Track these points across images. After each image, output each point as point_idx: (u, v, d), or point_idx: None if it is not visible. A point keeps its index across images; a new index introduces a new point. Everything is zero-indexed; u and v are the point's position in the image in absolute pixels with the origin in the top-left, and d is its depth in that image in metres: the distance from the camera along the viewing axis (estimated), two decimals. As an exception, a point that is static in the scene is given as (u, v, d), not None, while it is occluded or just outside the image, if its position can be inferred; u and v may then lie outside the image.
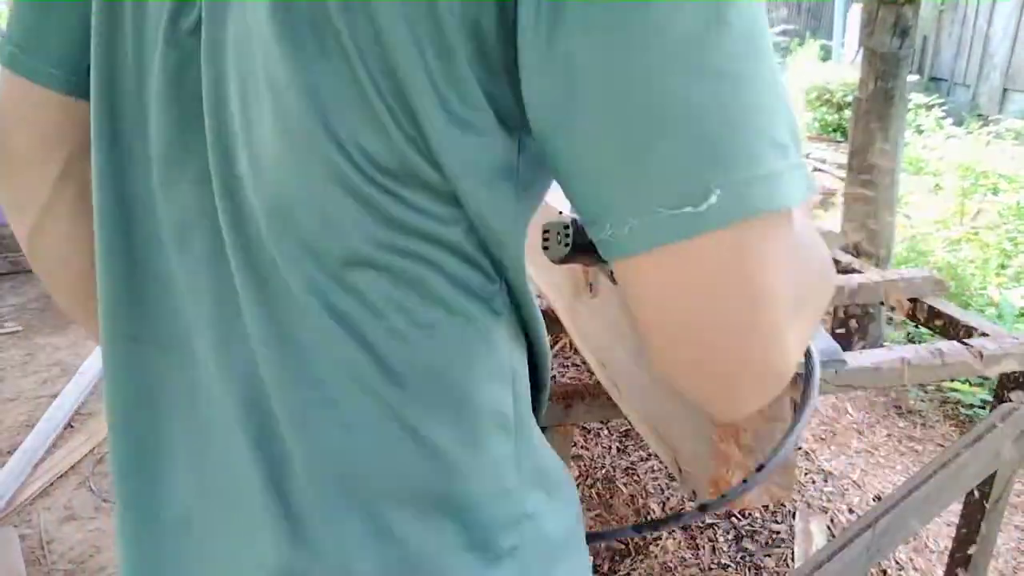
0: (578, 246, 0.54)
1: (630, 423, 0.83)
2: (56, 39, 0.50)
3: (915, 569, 1.77)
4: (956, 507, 1.46)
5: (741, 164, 0.32)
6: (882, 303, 1.56)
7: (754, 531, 1.81)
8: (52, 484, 2.62)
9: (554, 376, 2.36)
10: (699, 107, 0.32)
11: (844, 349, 0.80)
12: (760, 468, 0.62)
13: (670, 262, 0.34)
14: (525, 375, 0.50)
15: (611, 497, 2.00)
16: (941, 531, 1.97)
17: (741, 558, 1.76)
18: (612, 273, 0.43)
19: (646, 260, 0.34)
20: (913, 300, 1.50)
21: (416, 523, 0.45)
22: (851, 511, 1.87)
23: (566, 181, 0.37)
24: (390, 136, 0.37)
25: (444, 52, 0.35)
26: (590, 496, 2.03)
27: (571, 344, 2.35)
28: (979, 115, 7.28)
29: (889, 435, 2.57)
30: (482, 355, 0.45)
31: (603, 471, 2.05)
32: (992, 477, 1.34)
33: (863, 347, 2.49)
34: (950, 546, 1.51)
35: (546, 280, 1.13)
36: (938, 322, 1.45)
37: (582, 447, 2.13)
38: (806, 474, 1.96)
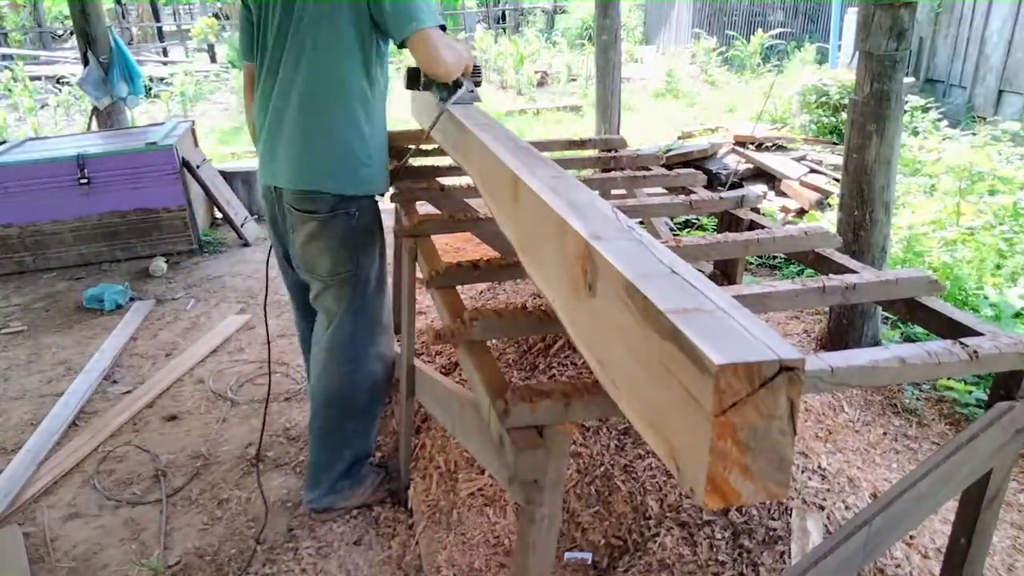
0: (411, 80, 2.13)
1: (628, 421, 0.84)
2: (250, 45, 2.19)
3: (911, 566, 1.78)
4: (952, 504, 1.47)
5: (414, 13, 1.89)
6: (878, 303, 1.57)
7: (751, 528, 1.82)
8: (56, 482, 2.63)
9: (553, 375, 2.38)
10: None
11: (841, 348, 0.82)
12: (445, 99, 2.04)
13: (414, 40, 1.91)
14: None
15: (610, 495, 2.01)
16: (937, 529, 1.98)
17: (738, 555, 1.78)
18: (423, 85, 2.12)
19: (410, 40, 1.91)
20: (909, 300, 1.51)
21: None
22: (848, 508, 1.89)
23: (382, 25, 1.96)
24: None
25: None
26: (588, 494, 2.04)
27: (570, 343, 2.36)
28: (975, 117, 7.31)
29: (885, 433, 2.59)
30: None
31: (602, 468, 2.07)
32: (988, 475, 1.36)
33: (859, 346, 2.50)
34: (946, 544, 1.53)
35: (546, 280, 1.14)
36: (934, 321, 1.46)
37: (581, 445, 2.14)
38: (803, 472, 1.98)
